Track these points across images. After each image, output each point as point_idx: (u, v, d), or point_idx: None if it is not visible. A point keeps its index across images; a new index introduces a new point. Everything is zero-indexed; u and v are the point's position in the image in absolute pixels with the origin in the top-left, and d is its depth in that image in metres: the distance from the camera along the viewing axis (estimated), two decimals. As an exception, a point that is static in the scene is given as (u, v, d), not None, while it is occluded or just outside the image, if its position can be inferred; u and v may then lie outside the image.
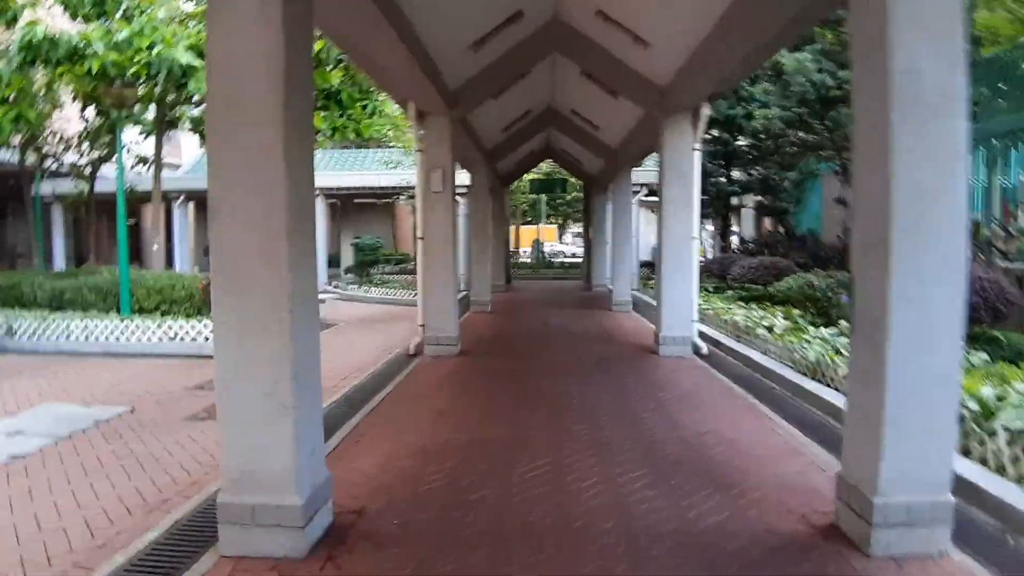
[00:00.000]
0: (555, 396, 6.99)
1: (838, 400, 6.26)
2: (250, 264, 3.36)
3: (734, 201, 19.17)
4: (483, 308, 15.05)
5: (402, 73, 7.77)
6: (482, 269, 15.34)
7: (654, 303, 15.43)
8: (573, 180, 27.26)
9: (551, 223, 49.52)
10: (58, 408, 7.03)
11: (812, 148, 10.64)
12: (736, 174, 18.41)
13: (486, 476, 4.62)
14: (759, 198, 20.94)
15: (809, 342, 7.83)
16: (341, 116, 13.08)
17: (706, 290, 14.57)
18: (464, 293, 15.64)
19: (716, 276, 15.02)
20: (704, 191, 16.61)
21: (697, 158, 9.41)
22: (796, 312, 9.87)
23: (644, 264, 24.80)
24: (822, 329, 8.16)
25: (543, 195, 38.46)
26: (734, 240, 20.32)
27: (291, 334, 3.34)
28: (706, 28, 7.23)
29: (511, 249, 38.99)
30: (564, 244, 51.81)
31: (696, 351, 9.40)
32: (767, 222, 26.12)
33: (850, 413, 3.97)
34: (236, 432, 3.44)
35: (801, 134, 10.97)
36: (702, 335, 9.79)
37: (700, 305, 10.29)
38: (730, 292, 13.71)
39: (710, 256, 19.91)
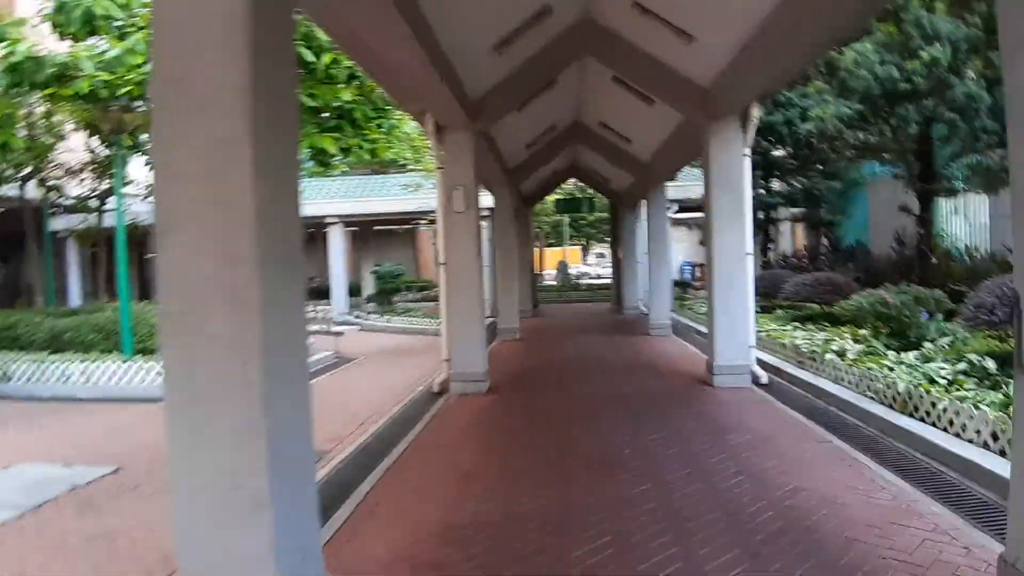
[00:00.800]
0: (603, 445, 6.00)
1: (941, 439, 5.22)
2: (205, 301, 2.44)
3: (774, 214, 18.08)
4: (511, 336, 14.11)
5: (416, 77, 6.90)
6: (509, 295, 14.41)
7: (693, 325, 14.48)
8: (599, 199, 26.40)
9: (574, 244, 48.71)
10: (33, 469, 6.16)
11: (873, 150, 9.60)
12: (776, 185, 17.35)
13: (530, 568, 3.63)
14: (796, 210, 19.89)
15: (892, 368, 6.77)
16: (355, 137, 12.28)
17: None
18: (491, 320, 14.71)
19: (761, 294, 13.91)
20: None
21: (747, 165, 8.45)
22: (863, 333, 8.80)
23: (674, 283, 23.74)
24: (904, 354, 7.09)
25: (566, 216, 37.71)
26: (772, 255, 19.20)
27: (263, 399, 2.40)
28: (761, 15, 6.31)
29: (536, 272, 38.26)
30: (588, 265, 50.89)
31: (755, 380, 8.36)
32: (802, 235, 24.93)
33: (1021, 480, 2.96)
34: (191, 533, 2.50)
35: (860, 135, 9.95)
36: (759, 362, 8.75)
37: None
38: (780, 312, 12.64)
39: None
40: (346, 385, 10.06)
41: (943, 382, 5.85)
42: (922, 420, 5.74)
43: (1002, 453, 4.69)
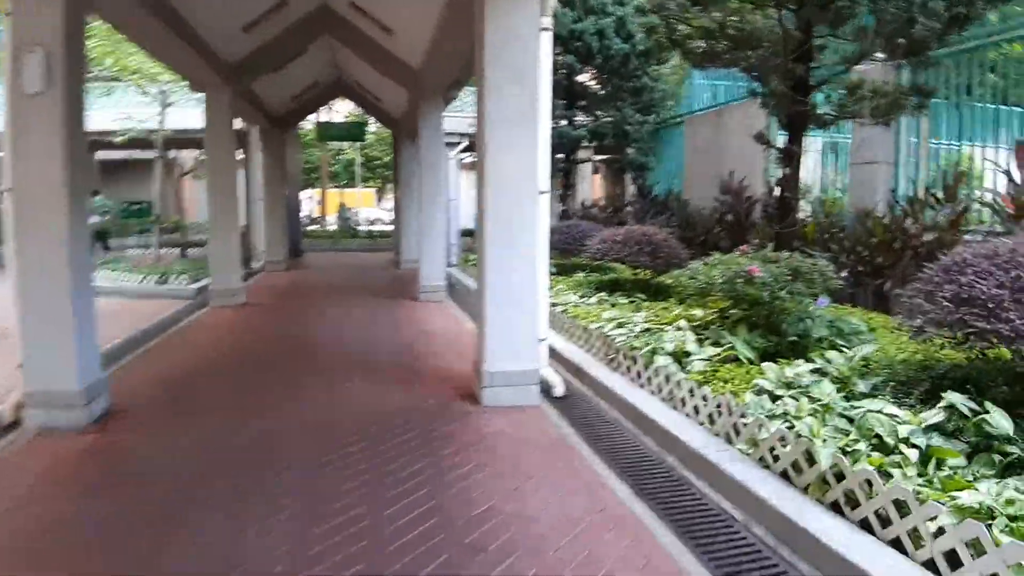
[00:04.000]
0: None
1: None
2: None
3: (577, 155, 15.26)
4: (229, 302, 10.14)
5: None
6: (225, 246, 10.30)
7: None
8: (382, 131, 22.46)
9: (369, 186, 44.38)
10: None
11: (741, 42, 6.32)
12: (580, 117, 14.47)
13: None
14: (600, 157, 17.37)
15: (775, 397, 3.89)
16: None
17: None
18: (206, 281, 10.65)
19: (559, 250, 11.06)
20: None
21: (546, 44, 5.20)
22: (700, 314, 6.01)
23: (466, 233, 20.54)
24: (789, 367, 4.23)
25: (355, 152, 33.56)
26: (572, 203, 16.52)
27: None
28: None
29: (315, 216, 33.75)
30: (384, 210, 46.90)
31: (546, 390, 5.30)
32: (600, 182, 22.65)
33: None
34: None
35: (718, 18, 6.65)
36: (552, 352, 5.73)
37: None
38: (580, 274, 9.81)
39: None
40: None
41: (910, 454, 2.94)
42: (868, 530, 2.84)
43: None
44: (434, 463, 3.97)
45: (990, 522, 2.42)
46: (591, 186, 23.00)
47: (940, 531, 2.51)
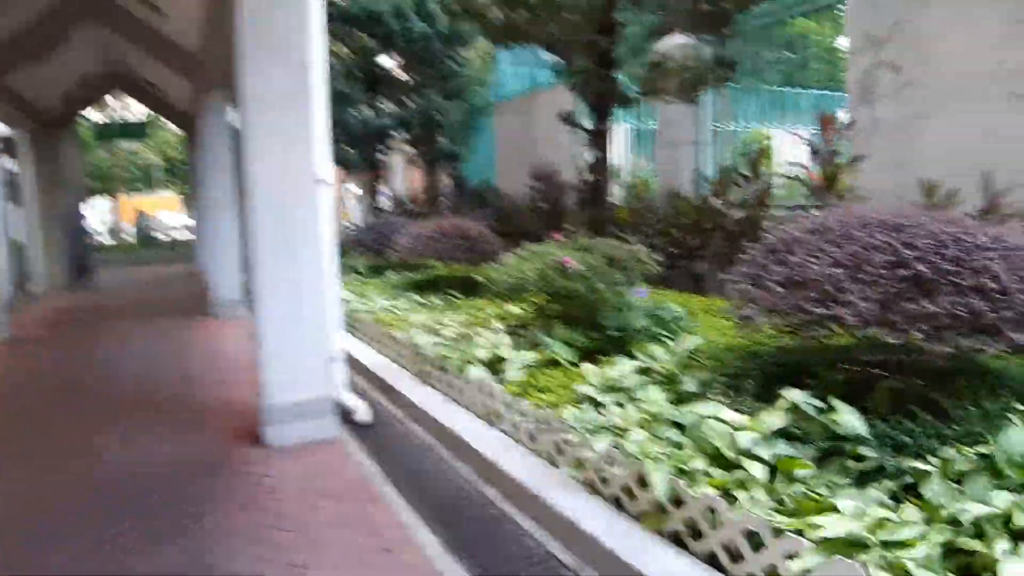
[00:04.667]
0: None
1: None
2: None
3: (385, 146, 14.37)
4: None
5: None
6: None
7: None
8: (171, 133, 20.39)
9: (173, 191, 40.92)
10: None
11: (542, 13, 5.68)
12: (386, 105, 13.58)
13: None
14: (411, 149, 16.63)
15: (599, 404, 3.39)
16: None
17: (356, 272, 9.82)
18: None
19: (370, 249, 10.28)
20: (342, 126, 11.73)
21: (317, 8, 4.41)
22: (517, 311, 5.50)
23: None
24: (612, 366, 3.76)
25: (151, 153, 30.77)
26: (384, 199, 15.70)
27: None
28: None
29: (112, 227, 30.58)
30: (189, 217, 43.38)
31: (347, 416, 4.54)
32: (417, 174, 21.83)
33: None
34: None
35: None
36: (350, 362, 4.99)
37: (347, 308, 5.50)
38: (392, 275, 9.10)
39: (358, 223, 15.11)
40: None
41: (754, 470, 2.48)
42: (716, 565, 2.35)
43: None
44: (195, 541, 3.09)
45: (864, 557, 1.98)
46: (407, 179, 22.16)
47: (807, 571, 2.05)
